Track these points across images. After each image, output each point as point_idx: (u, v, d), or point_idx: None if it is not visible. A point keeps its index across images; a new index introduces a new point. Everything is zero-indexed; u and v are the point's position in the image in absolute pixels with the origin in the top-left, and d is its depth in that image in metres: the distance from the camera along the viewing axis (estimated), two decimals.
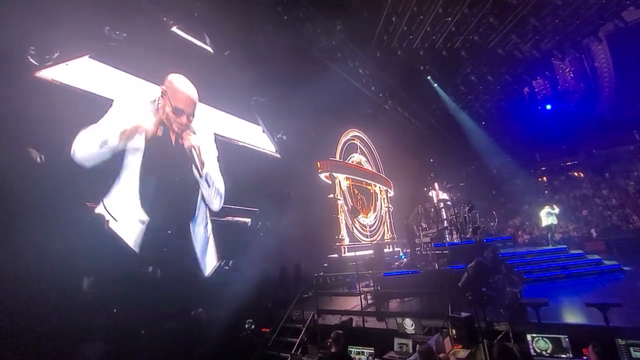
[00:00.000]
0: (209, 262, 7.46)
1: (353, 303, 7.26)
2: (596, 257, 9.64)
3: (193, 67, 7.85)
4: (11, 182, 4.74)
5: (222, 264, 7.66)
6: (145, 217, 6.39)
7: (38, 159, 5.11)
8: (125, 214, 6.21)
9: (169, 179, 6.84)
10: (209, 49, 8.77)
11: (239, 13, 8.61)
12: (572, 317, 5.30)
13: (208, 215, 7.77)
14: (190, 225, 7.16)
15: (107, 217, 6.00)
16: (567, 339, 4.05)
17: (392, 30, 11.98)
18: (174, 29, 7.81)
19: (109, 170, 6.10)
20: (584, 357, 3.88)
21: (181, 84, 7.03)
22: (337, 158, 13.27)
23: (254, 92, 9.83)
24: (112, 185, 6.19)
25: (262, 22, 9.39)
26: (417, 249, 10.83)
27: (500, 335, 4.84)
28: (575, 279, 8.16)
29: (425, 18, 11.49)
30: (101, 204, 5.95)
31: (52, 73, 5.69)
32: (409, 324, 5.40)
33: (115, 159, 6.23)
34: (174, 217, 6.87)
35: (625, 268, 8.71)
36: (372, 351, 5.17)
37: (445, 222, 11.54)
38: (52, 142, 5.38)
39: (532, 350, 4.22)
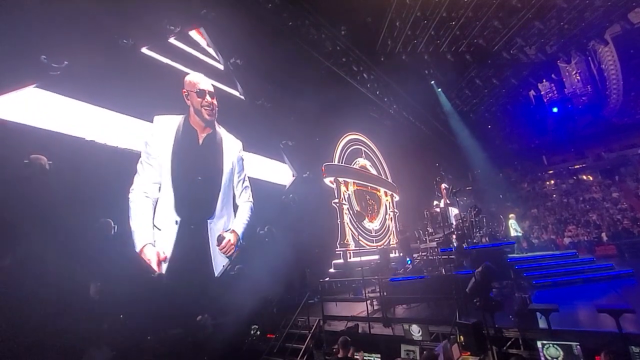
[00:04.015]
0: (220, 263, 7.56)
1: (359, 309, 7.19)
2: (607, 261, 9.46)
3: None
4: (20, 189, 4.81)
5: (228, 268, 7.66)
6: (177, 218, 6.71)
7: (47, 166, 5.18)
8: (165, 219, 6.61)
9: (194, 178, 7.14)
10: (212, 62, 8.87)
11: (244, 20, 8.71)
12: (584, 323, 5.19)
13: (232, 215, 7.98)
14: (209, 223, 7.33)
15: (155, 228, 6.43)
16: (578, 346, 3.96)
17: (396, 35, 12.02)
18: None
19: (115, 175, 6.16)
20: None
21: (193, 75, 7.56)
22: (336, 162, 13.20)
23: (259, 98, 9.87)
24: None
25: (267, 29, 9.49)
26: (415, 255, 10.87)
27: (510, 342, 4.76)
28: (586, 284, 8.00)
29: (429, 22, 11.51)
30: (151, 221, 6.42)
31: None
32: (415, 331, 5.34)
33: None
34: (194, 216, 7.09)
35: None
36: (379, 357, 5.12)
37: (452, 226, 11.44)
38: (61, 149, 5.47)
39: (542, 358, 4.13)
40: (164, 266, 6.42)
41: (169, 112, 7.09)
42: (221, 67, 9.04)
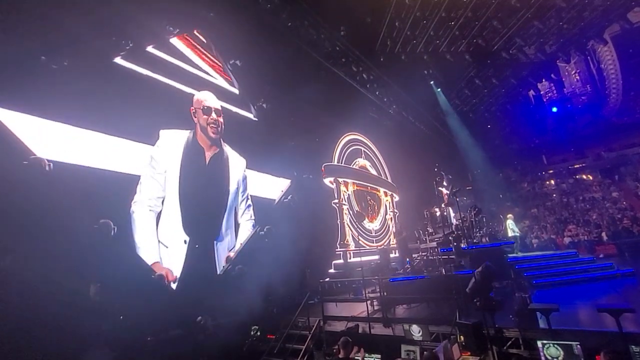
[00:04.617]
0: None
1: (359, 309, 7.20)
2: (607, 261, 9.47)
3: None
4: (21, 190, 4.81)
5: (229, 269, 7.66)
6: (186, 237, 6.71)
7: (47, 168, 5.18)
8: (172, 237, 6.58)
9: (201, 197, 7.10)
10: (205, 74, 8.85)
11: (243, 21, 8.71)
12: (584, 323, 5.20)
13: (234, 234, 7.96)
14: (215, 244, 7.33)
15: (161, 244, 6.40)
16: (578, 346, 3.96)
17: (396, 35, 12.02)
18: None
19: (117, 178, 6.16)
20: None
21: (201, 93, 7.54)
22: (335, 162, 13.20)
23: (259, 99, 9.86)
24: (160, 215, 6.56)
25: (266, 30, 9.49)
26: (415, 255, 10.89)
27: (510, 342, 4.76)
28: (586, 283, 8.01)
29: (429, 22, 11.51)
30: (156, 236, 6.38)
31: None
32: (416, 331, 5.34)
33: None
34: (202, 237, 7.09)
35: None
36: (379, 358, 5.11)
37: (452, 226, 11.44)
38: (63, 151, 5.47)
39: (542, 357, 4.13)
40: (173, 286, 6.43)
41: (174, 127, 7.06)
42: (231, 88, 9.07)
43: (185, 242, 6.69)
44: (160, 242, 6.43)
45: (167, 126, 6.98)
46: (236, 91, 9.28)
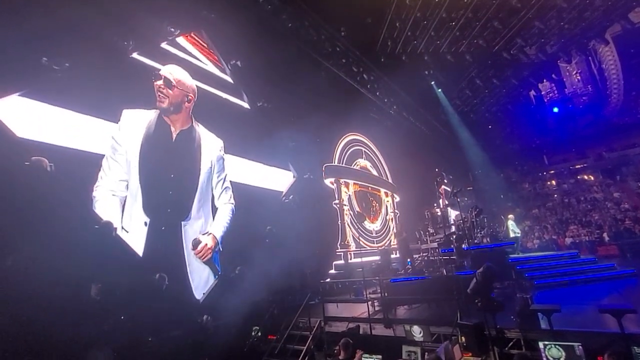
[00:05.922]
0: (196, 270, 6.88)
1: (360, 310, 7.19)
2: (609, 261, 9.45)
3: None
4: (21, 190, 4.82)
5: (229, 271, 7.64)
6: (146, 219, 6.26)
7: (48, 168, 5.19)
8: (133, 220, 6.18)
9: (165, 176, 6.60)
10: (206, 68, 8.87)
11: (243, 22, 8.72)
12: (586, 323, 5.17)
13: (211, 217, 7.43)
14: (183, 225, 6.74)
15: (123, 230, 6.03)
16: (580, 347, 3.95)
17: (396, 36, 12.03)
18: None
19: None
20: None
21: (168, 68, 6.92)
22: (336, 162, 13.18)
23: (259, 100, 9.87)
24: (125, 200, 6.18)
25: (267, 30, 9.50)
26: (416, 256, 10.89)
27: (511, 342, 4.74)
28: (587, 284, 7.99)
29: (429, 23, 11.51)
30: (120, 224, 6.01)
31: None
32: (417, 331, 5.33)
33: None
34: (166, 217, 6.54)
35: None
36: (380, 358, 5.10)
37: (453, 227, 11.44)
38: (62, 150, 5.48)
39: (544, 358, 4.12)
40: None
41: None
42: (226, 77, 9.04)
43: (145, 224, 6.23)
44: (123, 228, 6.05)
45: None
46: (229, 79, 9.16)
